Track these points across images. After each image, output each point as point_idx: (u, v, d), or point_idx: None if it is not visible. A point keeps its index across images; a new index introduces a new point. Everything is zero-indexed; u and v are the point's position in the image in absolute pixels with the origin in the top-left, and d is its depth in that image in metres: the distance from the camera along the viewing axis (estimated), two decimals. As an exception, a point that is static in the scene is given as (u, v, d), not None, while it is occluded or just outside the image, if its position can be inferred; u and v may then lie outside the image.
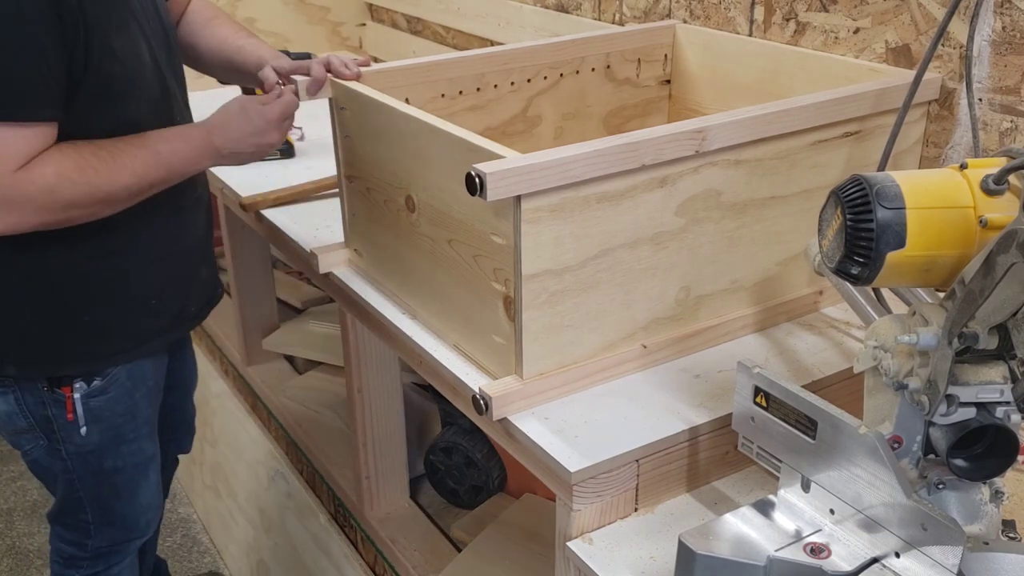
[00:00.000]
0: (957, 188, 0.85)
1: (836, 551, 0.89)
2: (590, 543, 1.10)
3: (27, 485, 2.98)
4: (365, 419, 1.72)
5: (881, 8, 1.46)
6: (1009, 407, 0.86)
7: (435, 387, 1.37)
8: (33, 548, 2.72)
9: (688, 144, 1.17)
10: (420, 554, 1.77)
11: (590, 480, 1.08)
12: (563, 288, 1.16)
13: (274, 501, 2.28)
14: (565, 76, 1.68)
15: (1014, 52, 1.29)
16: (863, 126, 1.33)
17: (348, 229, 1.54)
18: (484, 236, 1.16)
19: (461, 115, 1.57)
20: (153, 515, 1.72)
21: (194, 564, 2.65)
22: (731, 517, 0.95)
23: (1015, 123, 1.31)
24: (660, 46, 1.78)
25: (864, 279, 0.86)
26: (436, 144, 1.22)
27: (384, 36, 2.96)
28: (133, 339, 1.49)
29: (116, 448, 1.56)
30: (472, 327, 1.26)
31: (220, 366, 2.59)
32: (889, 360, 0.89)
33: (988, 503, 0.89)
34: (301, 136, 2.22)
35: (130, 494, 1.63)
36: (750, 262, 1.32)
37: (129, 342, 1.49)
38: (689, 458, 1.16)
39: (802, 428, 0.94)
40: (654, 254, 1.22)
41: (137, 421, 1.57)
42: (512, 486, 1.94)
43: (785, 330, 1.36)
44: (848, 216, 0.85)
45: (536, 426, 1.14)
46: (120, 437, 1.55)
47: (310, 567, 2.11)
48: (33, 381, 1.44)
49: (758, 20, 1.67)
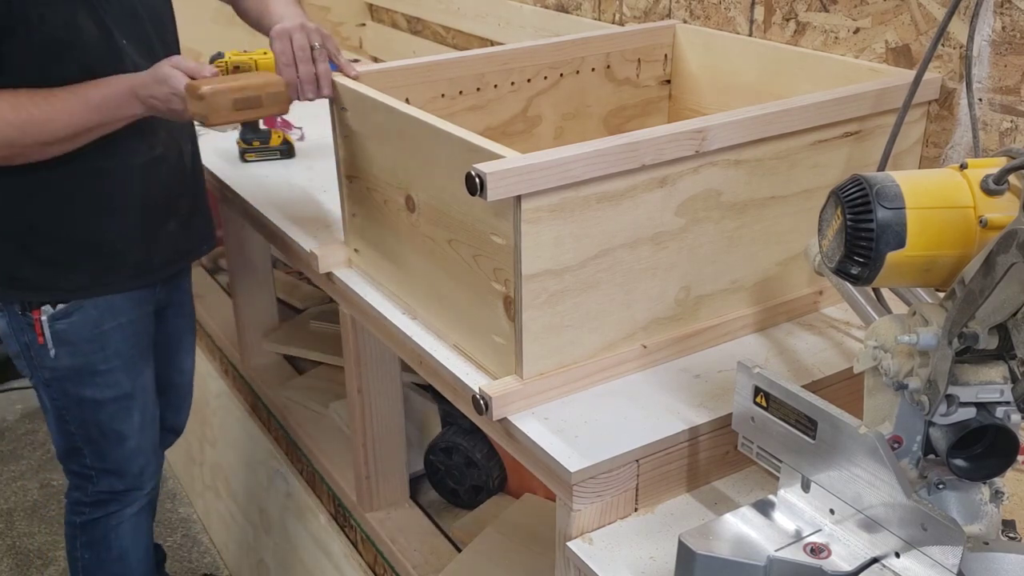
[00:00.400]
0: (957, 188, 0.85)
1: (836, 551, 0.89)
2: (590, 543, 1.10)
3: (27, 485, 2.98)
4: (365, 419, 1.72)
5: (881, 8, 1.46)
6: (1009, 407, 0.86)
7: (435, 387, 1.37)
8: (33, 548, 2.72)
9: (688, 144, 1.17)
10: (420, 554, 1.77)
11: (590, 480, 1.08)
12: (563, 288, 1.16)
13: (274, 501, 2.28)
14: (565, 76, 1.68)
15: (1014, 52, 1.29)
16: (863, 126, 1.33)
17: (348, 229, 1.54)
18: (484, 236, 1.16)
19: (461, 115, 1.57)
20: (146, 463, 1.84)
21: (194, 564, 2.65)
22: (731, 517, 0.95)
23: (1015, 123, 1.31)
24: (660, 46, 1.78)
25: (864, 279, 0.86)
26: (436, 144, 1.22)
27: (384, 36, 2.96)
28: (92, 279, 1.64)
29: (91, 378, 1.70)
30: (472, 327, 1.26)
31: (220, 366, 2.59)
32: (889, 360, 0.89)
33: (988, 503, 0.89)
34: (301, 136, 2.22)
35: (117, 436, 1.77)
36: (750, 262, 1.32)
37: (87, 281, 1.63)
38: (689, 458, 1.16)
39: (802, 428, 0.94)
40: (654, 254, 1.22)
41: (107, 352, 1.69)
42: (512, 486, 1.94)
43: (785, 330, 1.36)
44: (848, 216, 0.84)
45: (536, 426, 1.14)
46: (91, 366, 1.69)
47: (310, 567, 2.11)
48: (12, 304, 1.63)
49: (758, 20, 1.67)
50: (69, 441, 1.78)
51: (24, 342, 1.66)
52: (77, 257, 1.62)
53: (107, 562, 1.91)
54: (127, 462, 1.81)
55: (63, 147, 1.49)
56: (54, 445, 1.82)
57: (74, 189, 1.56)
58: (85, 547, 1.89)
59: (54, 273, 1.61)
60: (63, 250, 1.60)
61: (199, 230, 1.81)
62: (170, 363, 1.95)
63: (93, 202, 1.59)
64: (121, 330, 1.70)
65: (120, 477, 1.83)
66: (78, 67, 1.48)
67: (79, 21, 1.48)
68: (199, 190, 1.81)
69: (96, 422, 1.75)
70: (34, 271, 1.60)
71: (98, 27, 1.51)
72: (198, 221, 1.80)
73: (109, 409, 1.74)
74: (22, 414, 3.37)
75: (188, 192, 1.75)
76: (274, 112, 1.43)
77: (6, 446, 3.20)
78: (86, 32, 1.49)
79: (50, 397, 1.72)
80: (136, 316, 1.72)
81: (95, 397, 1.72)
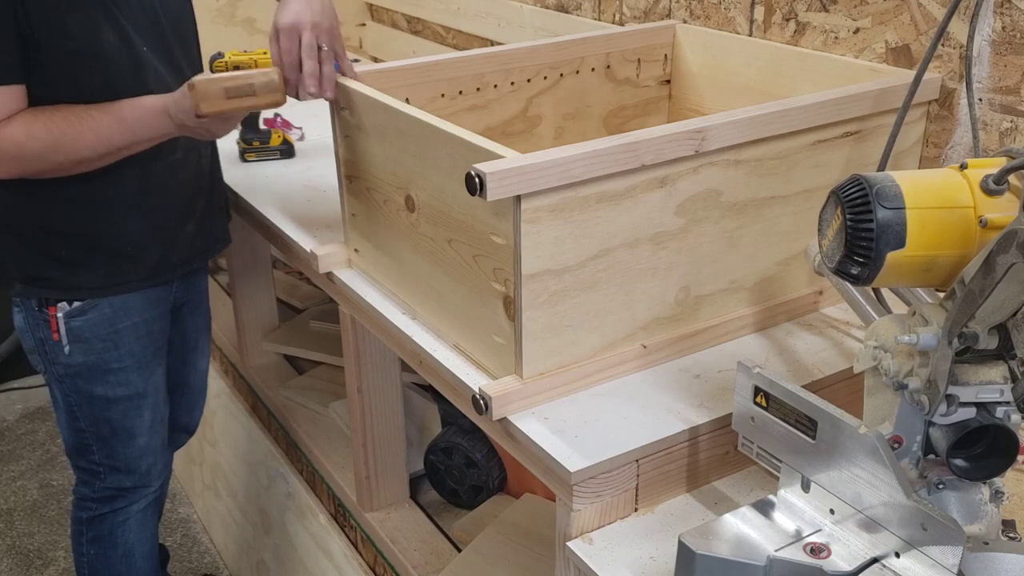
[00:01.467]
0: (957, 188, 0.85)
1: (836, 551, 0.89)
2: (590, 543, 1.10)
3: (27, 485, 2.99)
4: (365, 419, 1.72)
5: (881, 8, 1.46)
6: (1009, 407, 0.86)
7: (435, 387, 1.37)
8: (33, 548, 2.72)
9: (688, 144, 1.17)
10: (420, 554, 1.77)
11: (590, 480, 1.08)
12: (563, 288, 1.16)
13: (274, 501, 2.28)
14: (565, 76, 1.68)
15: (1014, 52, 1.29)
16: (863, 126, 1.33)
17: (348, 229, 1.54)
18: (484, 236, 1.16)
19: (461, 115, 1.57)
20: (154, 462, 1.85)
21: (194, 564, 2.65)
22: (731, 517, 0.95)
23: (1015, 123, 1.31)
24: (660, 46, 1.78)
25: (864, 279, 0.86)
26: (436, 144, 1.22)
27: (384, 36, 2.96)
28: (110, 278, 1.65)
29: (104, 376, 1.71)
30: (472, 327, 1.26)
31: (220, 366, 2.59)
32: (889, 360, 0.89)
33: (988, 503, 0.89)
34: (301, 136, 2.22)
35: (127, 434, 1.78)
36: (750, 262, 1.32)
37: (105, 280, 1.65)
38: (689, 458, 1.16)
39: (802, 428, 0.94)
40: (654, 254, 1.22)
41: (120, 351, 1.70)
42: (512, 486, 1.94)
43: (785, 330, 1.36)
44: (848, 216, 0.84)
45: (536, 426, 1.14)
46: (104, 364, 1.70)
47: (310, 567, 2.11)
48: (30, 300, 1.64)
49: (758, 20, 1.67)
50: (79, 437, 1.78)
51: (39, 338, 1.67)
52: (95, 258, 1.63)
53: (112, 559, 1.91)
54: (136, 460, 1.82)
55: (94, 164, 1.51)
56: (63, 440, 1.83)
57: (95, 193, 1.58)
58: (91, 543, 1.90)
59: (72, 272, 1.62)
60: (82, 251, 1.62)
61: (215, 229, 1.83)
62: (185, 362, 1.96)
63: (113, 206, 1.60)
64: (135, 329, 1.71)
65: (128, 474, 1.84)
66: (101, 77, 1.50)
67: (100, 29, 1.50)
68: (216, 190, 1.82)
69: (107, 419, 1.75)
70: (52, 270, 1.61)
71: (119, 35, 1.52)
72: (214, 221, 1.81)
73: (121, 407, 1.75)
74: (22, 414, 3.37)
75: (205, 193, 1.77)
76: (269, 101, 1.40)
77: (6, 446, 3.20)
78: (107, 41, 1.50)
79: (62, 393, 1.73)
80: (151, 316, 1.73)
81: (107, 395, 1.73)
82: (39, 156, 1.45)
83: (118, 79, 1.51)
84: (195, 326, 1.94)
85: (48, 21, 1.43)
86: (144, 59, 1.56)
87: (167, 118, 1.46)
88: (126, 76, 1.52)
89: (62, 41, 1.45)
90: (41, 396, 3.39)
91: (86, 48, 1.48)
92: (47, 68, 1.45)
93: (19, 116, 1.44)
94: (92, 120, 1.47)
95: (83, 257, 1.62)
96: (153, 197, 1.64)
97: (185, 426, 2.07)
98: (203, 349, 2.00)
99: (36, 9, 1.41)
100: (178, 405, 1.98)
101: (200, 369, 2.02)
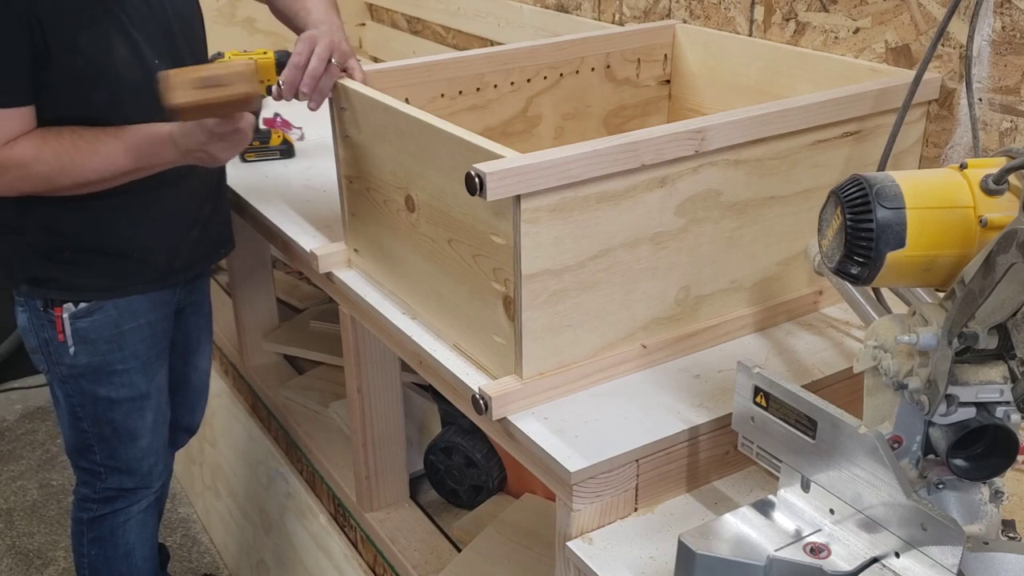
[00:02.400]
0: (957, 188, 0.85)
1: (836, 551, 0.89)
2: (590, 543, 1.10)
3: (27, 485, 2.99)
4: (365, 419, 1.72)
5: (881, 8, 1.46)
6: (1009, 407, 0.86)
7: (435, 387, 1.37)
8: (33, 548, 2.72)
9: (688, 144, 1.17)
10: (420, 554, 1.77)
11: (590, 480, 1.08)
12: (563, 288, 1.16)
13: (274, 501, 2.28)
14: (565, 76, 1.68)
15: (1014, 52, 1.29)
16: (863, 126, 1.33)
17: (348, 229, 1.54)
18: (484, 236, 1.16)
19: (461, 115, 1.57)
20: (155, 462, 1.86)
21: (194, 564, 2.65)
22: (731, 517, 0.95)
23: (1015, 123, 1.31)
24: (660, 46, 1.78)
25: (864, 279, 0.86)
26: (436, 144, 1.22)
27: (384, 36, 2.96)
28: (115, 282, 1.66)
29: (107, 377, 1.72)
30: (472, 327, 1.26)
31: (220, 366, 2.59)
32: (889, 360, 0.89)
33: (988, 503, 0.89)
34: (301, 136, 2.22)
35: (129, 435, 1.79)
36: (750, 262, 1.32)
37: (111, 283, 1.66)
38: (689, 458, 1.16)
39: (802, 428, 0.94)
40: (654, 254, 1.22)
41: (124, 352, 1.71)
42: (512, 486, 1.94)
43: (785, 330, 1.36)
44: (848, 216, 0.84)
45: (536, 426, 1.14)
46: (108, 365, 1.71)
47: (310, 567, 2.11)
48: (35, 300, 1.65)
49: (758, 20, 1.67)
50: (81, 438, 1.79)
51: (44, 338, 1.67)
52: (102, 262, 1.64)
53: (113, 559, 1.92)
54: (137, 460, 1.83)
55: (98, 187, 1.52)
56: (64, 441, 1.83)
57: (103, 200, 1.58)
58: (92, 543, 1.90)
59: (78, 274, 1.63)
60: (88, 255, 1.62)
61: (219, 233, 1.83)
62: (186, 362, 1.96)
63: (121, 212, 1.61)
64: (139, 331, 1.72)
65: (130, 475, 1.84)
66: (110, 91, 1.50)
67: (112, 46, 1.50)
68: (221, 195, 1.83)
69: (109, 420, 1.76)
70: (59, 272, 1.62)
71: (131, 50, 1.52)
72: (219, 225, 1.82)
73: (123, 408, 1.76)
74: (22, 414, 3.37)
75: (211, 199, 1.78)
76: (242, 91, 1.32)
77: (6, 446, 3.20)
78: (117, 56, 1.51)
79: (65, 393, 1.74)
80: (155, 318, 1.74)
81: (110, 396, 1.73)
82: (45, 179, 1.47)
83: (127, 95, 1.52)
84: (197, 327, 1.95)
85: (63, 39, 1.44)
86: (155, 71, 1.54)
87: (172, 146, 1.47)
88: (134, 92, 1.52)
89: (73, 58, 1.46)
90: (41, 396, 3.39)
91: (96, 65, 1.48)
92: (54, 85, 1.46)
93: (28, 138, 1.44)
94: (100, 144, 1.47)
95: (90, 261, 1.63)
96: (161, 205, 1.65)
97: (186, 426, 2.07)
98: (205, 350, 2.01)
99: (52, 27, 1.42)
100: (179, 405, 1.98)
101: (201, 369, 2.02)
